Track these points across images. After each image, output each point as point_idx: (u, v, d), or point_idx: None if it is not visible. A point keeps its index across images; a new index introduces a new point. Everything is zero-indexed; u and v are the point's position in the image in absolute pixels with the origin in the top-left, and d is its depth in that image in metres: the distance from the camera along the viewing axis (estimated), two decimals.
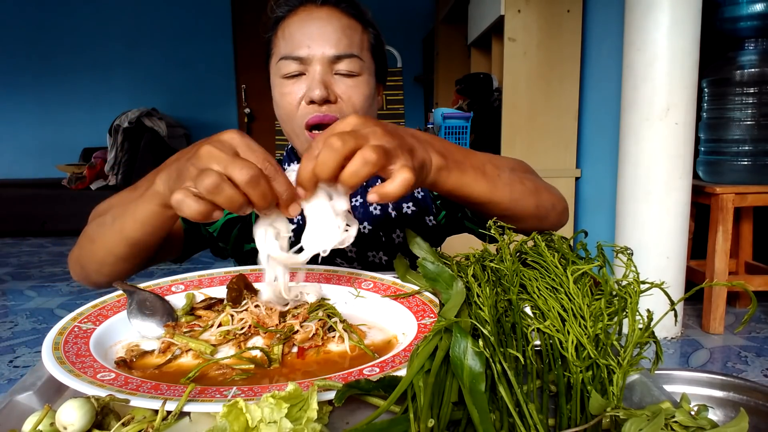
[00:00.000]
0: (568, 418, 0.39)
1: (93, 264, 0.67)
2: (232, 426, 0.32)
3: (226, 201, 0.45)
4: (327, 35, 0.78)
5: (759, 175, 2.12)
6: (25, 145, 5.27)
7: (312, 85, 0.77)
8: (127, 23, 5.16)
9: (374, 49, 0.85)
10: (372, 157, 0.48)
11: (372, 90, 0.84)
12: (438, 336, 0.44)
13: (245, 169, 0.45)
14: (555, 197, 0.77)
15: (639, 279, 0.47)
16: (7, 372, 1.98)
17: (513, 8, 2.62)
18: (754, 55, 2.10)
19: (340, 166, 0.48)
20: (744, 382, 0.76)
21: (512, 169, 0.71)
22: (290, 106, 0.80)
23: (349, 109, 0.80)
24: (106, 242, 0.64)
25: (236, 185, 0.45)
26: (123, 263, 0.66)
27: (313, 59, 0.78)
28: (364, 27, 0.83)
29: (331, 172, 0.48)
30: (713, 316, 2.16)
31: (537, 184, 0.73)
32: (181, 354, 0.51)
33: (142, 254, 0.65)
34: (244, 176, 0.45)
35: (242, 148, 0.48)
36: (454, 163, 0.61)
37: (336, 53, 0.78)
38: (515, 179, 0.69)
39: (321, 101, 0.77)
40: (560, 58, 2.66)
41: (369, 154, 0.48)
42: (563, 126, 2.72)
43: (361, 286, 0.66)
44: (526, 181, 0.71)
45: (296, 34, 0.79)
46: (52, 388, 0.45)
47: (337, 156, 0.47)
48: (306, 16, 0.79)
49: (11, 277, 3.31)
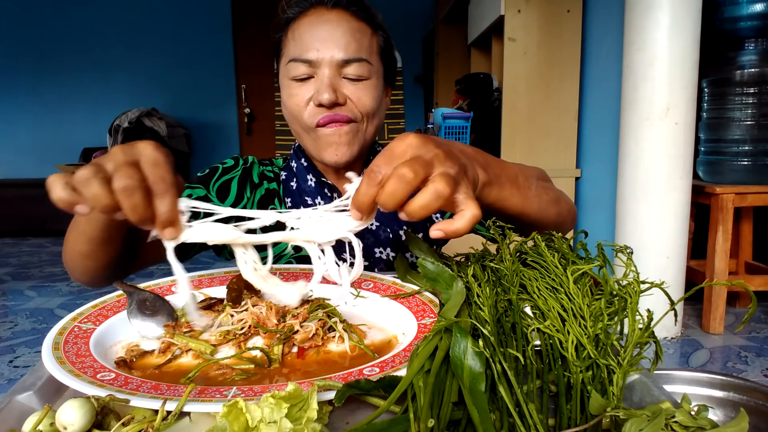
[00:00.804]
0: (568, 418, 0.39)
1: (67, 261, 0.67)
2: (232, 426, 0.32)
3: (90, 197, 0.44)
4: (336, 38, 0.78)
5: (759, 175, 2.13)
6: (25, 145, 5.27)
7: (321, 88, 0.77)
8: (127, 23, 5.16)
9: (383, 52, 0.85)
10: (445, 191, 0.45)
11: (380, 93, 0.84)
12: (438, 336, 0.44)
13: (125, 179, 0.43)
14: (569, 205, 0.78)
15: (639, 279, 0.47)
16: (7, 372, 1.98)
17: (513, 8, 2.62)
18: (754, 55, 2.10)
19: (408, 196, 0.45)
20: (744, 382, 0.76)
21: (538, 178, 0.71)
22: (297, 107, 0.80)
23: (359, 110, 0.80)
24: (70, 238, 0.64)
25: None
26: (87, 260, 0.64)
27: (322, 62, 0.78)
28: (374, 30, 0.83)
29: (399, 204, 0.45)
30: (713, 316, 2.16)
31: (557, 194, 0.74)
32: (181, 354, 0.51)
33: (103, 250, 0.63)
34: (120, 184, 0.43)
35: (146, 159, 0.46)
36: (495, 178, 0.60)
37: (345, 57, 0.78)
38: (542, 190, 0.69)
39: (330, 105, 0.77)
40: (560, 58, 2.66)
41: (442, 188, 0.45)
42: (563, 126, 2.72)
43: (361, 286, 0.66)
44: (550, 191, 0.71)
45: (306, 36, 0.79)
46: (52, 388, 0.45)
47: (408, 188, 0.45)
48: (316, 19, 0.79)
49: (11, 277, 3.31)
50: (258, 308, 0.57)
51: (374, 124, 0.85)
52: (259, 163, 0.94)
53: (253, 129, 5.39)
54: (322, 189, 0.89)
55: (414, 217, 0.46)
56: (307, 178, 0.90)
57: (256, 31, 5.18)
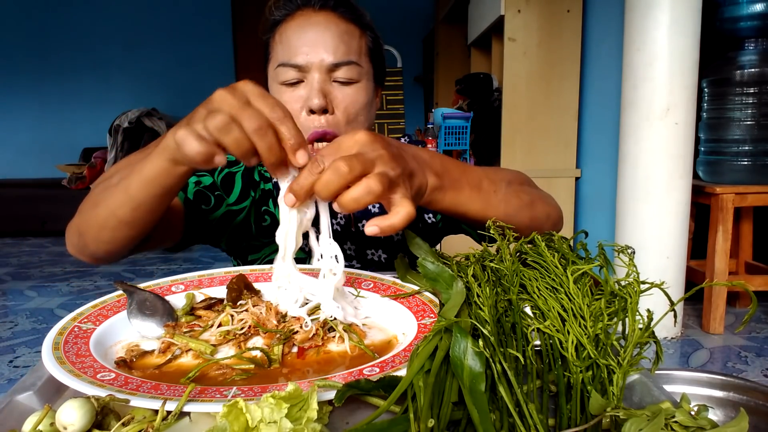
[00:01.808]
0: (568, 418, 0.39)
1: (93, 229, 0.63)
2: (232, 426, 0.32)
3: (233, 143, 0.46)
4: (325, 42, 0.78)
5: (759, 175, 2.13)
6: (25, 145, 5.27)
7: (311, 94, 0.77)
8: (126, 23, 5.17)
9: (372, 52, 0.85)
10: (377, 188, 0.48)
11: (370, 95, 0.84)
12: (438, 336, 0.44)
13: (254, 118, 0.46)
14: (550, 207, 0.77)
15: (639, 279, 0.47)
16: (7, 372, 1.98)
17: (513, 8, 2.62)
18: (754, 55, 2.10)
19: (342, 189, 0.48)
20: (744, 382, 0.76)
21: (509, 182, 0.71)
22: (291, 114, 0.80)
23: (345, 119, 0.80)
24: (110, 204, 0.60)
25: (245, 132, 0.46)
26: (124, 228, 0.61)
27: (312, 67, 0.78)
28: (362, 31, 0.83)
29: (332, 194, 0.48)
30: (713, 316, 2.16)
31: (532, 197, 0.74)
32: (181, 354, 0.51)
33: (146, 219, 0.61)
34: (253, 124, 0.46)
35: (254, 96, 0.48)
36: (450, 183, 0.62)
37: (334, 61, 0.78)
38: (511, 194, 0.69)
39: (320, 111, 0.77)
40: (560, 58, 2.66)
41: (374, 185, 0.48)
42: (563, 126, 2.72)
43: (361, 286, 0.66)
44: (522, 195, 0.71)
45: (293, 39, 0.79)
46: (52, 388, 0.45)
47: (341, 180, 0.48)
48: (303, 22, 0.79)
49: (11, 277, 3.32)
50: (258, 308, 0.57)
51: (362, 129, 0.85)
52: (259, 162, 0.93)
53: None
54: None
55: (345, 208, 0.49)
56: None
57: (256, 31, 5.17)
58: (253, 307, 0.57)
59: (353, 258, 0.90)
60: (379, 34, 0.88)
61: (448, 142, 2.83)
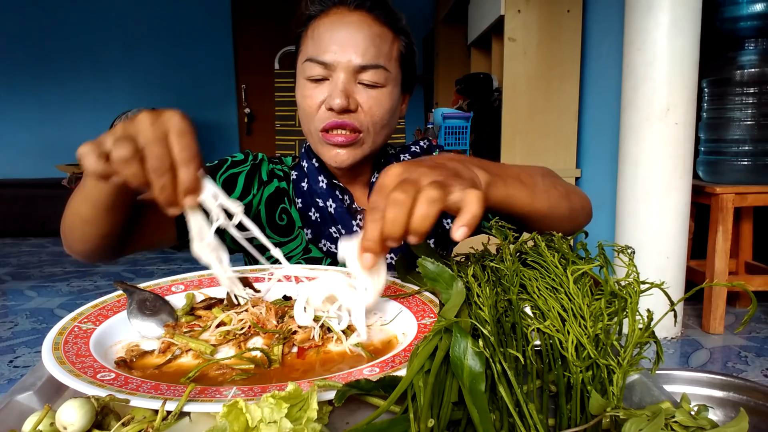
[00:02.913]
0: (568, 418, 0.39)
1: (66, 228, 0.67)
2: (232, 426, 0.32)
3: (129, 175, 0.47)
4: (355, 43, 0.77)
5: (759, 175, 2.13)
6: (25, 145, 5.27)
7: (333, 93, 0.77)
8: (126, 23, 5.16)
9: (404, 58, 0.83)
10: (435, 194, 0.46)
11: (395, 101, 0.83)
12: (438, 336, 0.44)
13: (158, 158, 0.46)
14: (582, 199, 0.76)
15: (639, 279, 0.47)
16: (7, 372, 1.98)
17: (513, 8, 2.62)
18: (754, 55, 2.10)
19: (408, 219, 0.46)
20: (744, 382, 0.76)
21: (543, 175, 0.70)
22: (310, 109, 0.80)
23: (368, 120, 0.79)
24: (74, 204, 0.64)
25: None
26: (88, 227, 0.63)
27: (338, 66, 0.77)
28: (396, 35, 0.81)
29: (403, 227, 0.46)
30: (713, 316, 2.16)
31: (566, 188, 0.73)
32: (181, 354, 0.51)
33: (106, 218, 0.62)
34: (155, 163, 0.46)
35: (174, 132, 0.48)
36: (497, 177, 0.60)
37: (362, 63, 0.77)
38: (549, 185, 0.68)
39: (340, 110, 0.77)
40: (560, 58, 2.66)
41: (431, 193, 0.46)
42: (563, 126, 2.72)
43: None
44: (558, 186, 0.70)
45: (324, 36, 0.78)
46: (52, 388, 0.45)
47: (405, 209, 0.46)
48: (337, 20, 0.78)
49: (11, 277, 3.32)
50: (258, 308, 0.57)
51: (383, 134, 0.84)
52: (269, 161, 0.93)
53: (253, 129, 5.39)
54: (333, 191, 0.87)
55: (419, 231, 0.46)
56: (318, 179, 0.87)
57: (256, 31, 5.18)
58: (253, 307, 0.57)
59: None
60: (414, 40, 0.86)
61: (448, 142, 2.83)
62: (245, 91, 5.31)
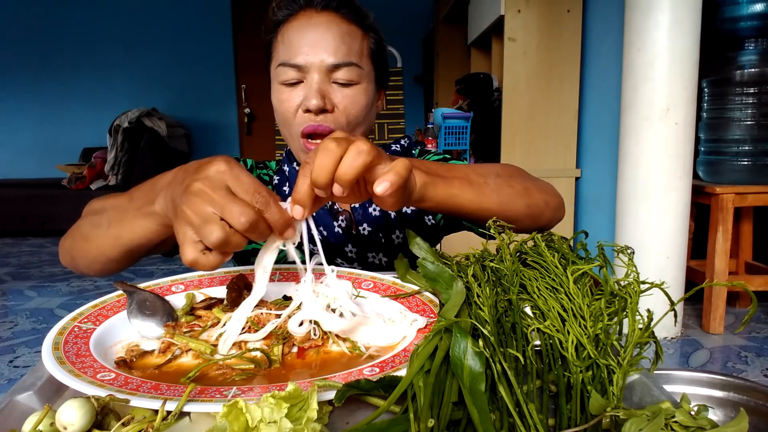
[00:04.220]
0: (568, 418, 0.39)
1: (84, 260, 0.68)
2: (232, 426, 0.32)
3: (234, 249, 0.47)
4: (326, 43, 0.78)
5: (759, 175, 2.12)
6: (25, 145, 5.27)
7: (309, 94, 0.77)
8: (126, 23, 5.16)
9: (375, 54, 0.85)
10: (365, 147, 0.48)
11: (371, 97, 0.84)
12: (438, 336, 0.44)
13: (243, 216, 0.45)
14: (548, 194, 0.76)
15: (639, 279, 0.47)
16: (7, 372, 1.98)
17: (513, 8, 2.62)
18: (754, 55, 2.10)
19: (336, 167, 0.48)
20: (744, 382, 0.76)
21: (497, 174, 0.71)
22: (288, 113, 0.80)
23: (344, 119, 0.80)
24: (100, 245, 0.64)
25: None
26: (114, 264, 0.66)
27: (311, 67, 0.78)
28: (365, 32, 0.83)
29: (329, 174, 0.48)
30: (713, 316, 2.16)
31: (526, 185, 0.73)
32: (181, 354, 0.51)
33: (135, 257, 0.66)
34: (243, 224, 0.45)
35: (232, 181, 0.47)
36: (438, 177, 0.62)
37: (334, 62, 0.78)
38: (502, 184, 0.69)
39: (317, 111, 0.77)
40: (560, 58, 2.66)
41: (363, 146, 0.48)
42: (563, 126, 2.72)
43: (361, 286, 0.66)
44: (515, 184, 0.71)
45: (295, 39, 0.79)
46: (52, 388, 0.45)
47: (333, 156, 0.48)
48: (305, 22, 0.79)
49: (11, 277, 3.31)
50: (258, 308, 0.57)
51: (360, 132, 0.85)
52: (255, 167, 0.94)
53: (253, 129, 5.39)
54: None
55: (344, 179, 0.48)
56: None
57: (256, 31, 5.16)
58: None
59: (354, 261, 0.90)
60: (384, 36, 0.87)
61: (448, 142, 2.83)
62: (245, 91, 5.31)
